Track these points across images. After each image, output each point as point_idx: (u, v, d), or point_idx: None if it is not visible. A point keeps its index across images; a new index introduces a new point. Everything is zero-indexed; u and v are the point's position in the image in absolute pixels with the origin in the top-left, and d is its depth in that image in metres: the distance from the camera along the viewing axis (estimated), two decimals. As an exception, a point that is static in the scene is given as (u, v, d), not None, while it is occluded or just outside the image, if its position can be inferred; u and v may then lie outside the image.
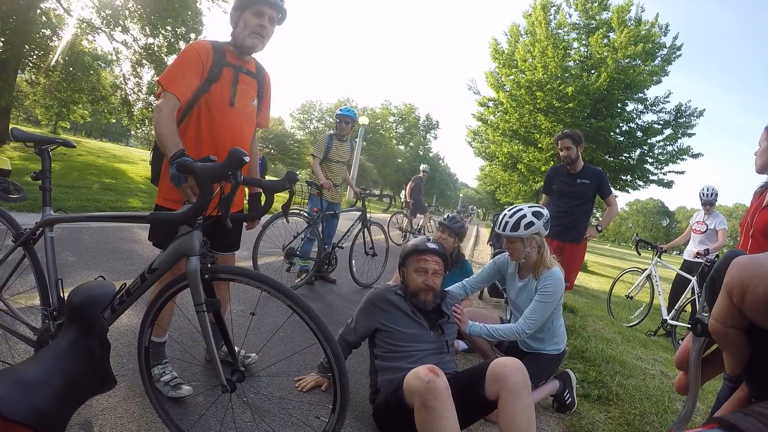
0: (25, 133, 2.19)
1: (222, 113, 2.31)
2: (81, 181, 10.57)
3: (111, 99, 18.79)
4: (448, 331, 2.62)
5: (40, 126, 32.34)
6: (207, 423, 2.18)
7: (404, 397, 2.08)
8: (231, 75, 2.34)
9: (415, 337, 2.50)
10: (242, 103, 2.40)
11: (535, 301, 2.84)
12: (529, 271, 3.02)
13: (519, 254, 2.96)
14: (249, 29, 2.29)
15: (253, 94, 2.50)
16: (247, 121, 2.47)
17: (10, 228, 2.20)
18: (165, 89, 2.10)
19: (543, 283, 2.85)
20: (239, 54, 2.39)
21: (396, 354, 2.46)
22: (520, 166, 15.73)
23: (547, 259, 2.94)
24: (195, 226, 1.64)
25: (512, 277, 3.17)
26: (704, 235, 6.36)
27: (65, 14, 16.38)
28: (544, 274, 2.89)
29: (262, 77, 2.57)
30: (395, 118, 63.73)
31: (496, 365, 2.15)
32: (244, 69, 2.42)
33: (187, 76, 2.18)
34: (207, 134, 2.29)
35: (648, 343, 5.47)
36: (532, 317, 2.80)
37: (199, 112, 2.28)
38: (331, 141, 5.43)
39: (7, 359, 2.32)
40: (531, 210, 2.93)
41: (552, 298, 2.81)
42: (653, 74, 13.90)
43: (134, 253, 5.07)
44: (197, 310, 1.67)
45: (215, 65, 2.27)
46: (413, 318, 2.55)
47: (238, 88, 2.36)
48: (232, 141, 2.32)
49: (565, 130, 4.70)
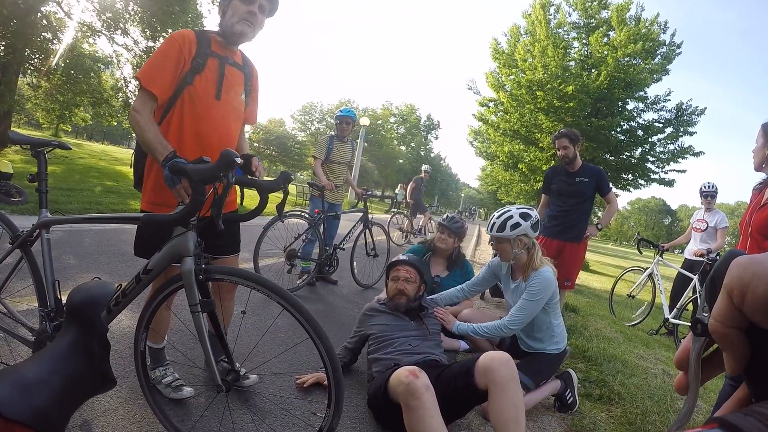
0: (22, 135, 2.19)
1: (207, 107, 2.17)
2: (83, 184, 10.60)
3: (112, 101, 18.80)
4: (429, 322, 2.96)
5: (42, 129, 32.37)
6: (207, 424, 2.19)
7: (389, 395, 2.21)
8: (216, 66, 2.20)
9: (397, 327, 2.84)
10: (229, 96, 2.26)
11: (522, 299, 2.89)
12: (520, 272, 3.06)
13: (507, 255, 3.02)
14: (238, 16, 2.16)
15: (241, 87, 2.35)
16: (234, 116, 2.32)
17: (7, 230, 2.20)
18: (143, 86, 2.03)
19: (530, 283, 2.90)
20: (226, 44, 2.26)
21: (383, 343, 2.73)
22: (521, 166, 15.73)
23: (536, 260, 2.96)
24: (189, 227, 1.64)
25: (506, 278, 3.21)
26: (705, 233, 6.34)
27: (66, 17, 16.41)
28: (531, 275, 2.92)
29: (250, 70, 2.43)
30: (396, 119, 63.66)
31: (485, 359, 2.22)
32: (231, 60, 2.27)
33: (168, 70, 2.06)
34: (190, 129, 2.15)
35: (650, 342, 5.45)
36: (517, 314, 2.87)
37: (182, 105, 2.13)
38: (332, 142, 5.42)
39: (8, 361, 2.32)
40: (519, 211, 2.98)
41: (538, 296, 2.84)
42: (653, 72, 13.91)
43: (132, 254, 5.07)
44: (192, 310, 1.67)
45: (199, 55, 2.13)
46: (395, 315, 2.94)
47: (224, 80, 2.23)
48: (218, 136, 2.23)
49: (562, 129, 4.71)
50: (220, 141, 2.23)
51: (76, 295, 1.64)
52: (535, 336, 3.05)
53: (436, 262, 4.24)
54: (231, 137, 2.33)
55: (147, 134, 1.93)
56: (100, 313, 1.66)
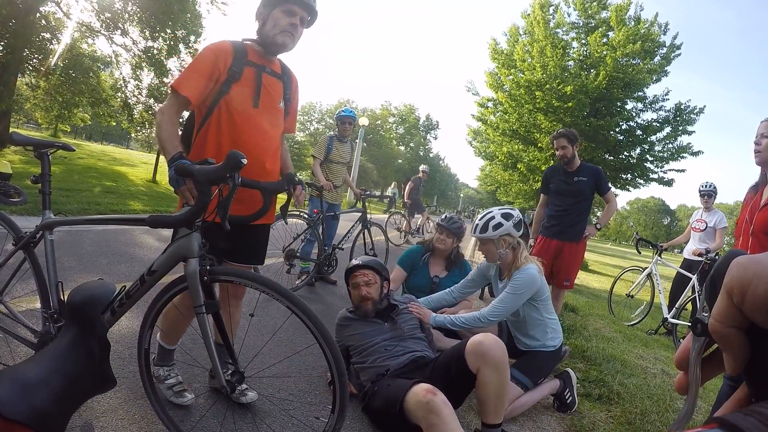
0: (25, 137, 2.18)
1: (244, 115, 2.16)
2: (82, 184, 10.59)
3: (111, 101, 18.77)
4: (401, 320, 2.88)
5: (41, 129, 32.34)
6: (208, 424, 2.19)
7: (405, 413, 2.15)
8: (253, 74, 2.20)
9: (371, 333, 2.77)
10: (267, 104, 2.25)
11: (504, 293, 2.93)
12: (507, 272, 3.09)
13: (492, 255, 3.07)
14: (279, 28, 2.16)
15: (279, 96, 2.34)
16: (272, 124, 2.30)
17: (11, 231, 2.20)
18: (173, 89, 2.04)
19: (513, 278, 2.93)
20: (265, 53, 2.27)
21: (364, 352, 2.70)
22: (520, 166, 15.73)
23: (520, 259, 2.99)
24: (194, 228, 1.64)
25: (495, 279, 3.26)
26: (704, 233, 6.34)
27: (64, 17, 16.39)
28: (515, 272, 2.95)
29: (289, 79, 2.41)
30: (395, 119, 63.59)
31: (473, 343, 2.28)
32: (268, 69, 2.27)
33: (200, 74, 2.07)
34: (228, 138, 2.14)
35: (649, 342, 5.46)
36: (497, 306, 2.90)
37: (219, 115, 2.14)
38: (332, 142, 5.44)
39: (9, 362, 2.32)
40: (501, 212, 3.05)
41: (520, 291, 2.87)
42: (652, 73, 13.91)
43: (136, 256, 5.08)
44: (196, 312, 1.67)
45: (235, 64, 2.14)
46: (366, 321, 2.86)
47: (262, 88, 2.22)
48: (257, 145, 2.21)
49: (560, 129, 4.72)
50: (258, 148, 2.22)
51: (76, 294, 1.64)
52: (530, 334, 3.07)
53: (435, 263, 4.23)
54: (270, 145, 2.31)
55: (163, 133, 1.96)
56: (101, 312, 1.66)
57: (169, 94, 2.07)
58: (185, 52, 18.09)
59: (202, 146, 2.15)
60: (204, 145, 2.13)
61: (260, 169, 2.23)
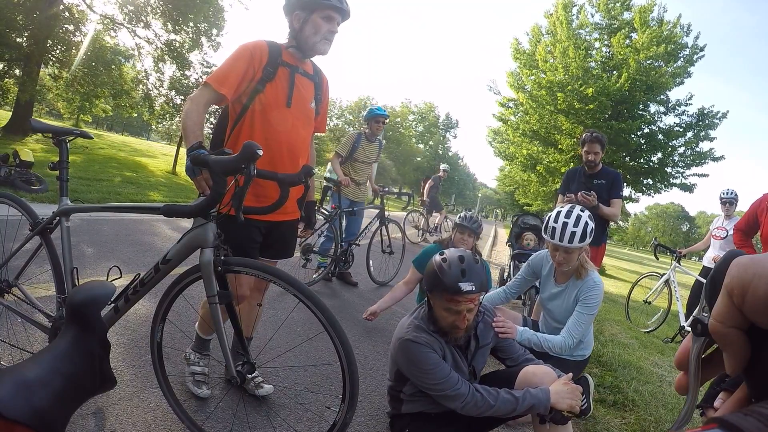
0: (44, 124, 2.20)
1: (278, 114, 2.22)
2: (102, 174, 10.73)
3: (132, 93, 19.01)
4: (476, 361, 2.24)
5: (63, 119, 32.82)
6: (221, 415, 2.20)
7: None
8: (287, 75, 2.25)
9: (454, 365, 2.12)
10: (299, 104, 2.30)
11: (579, 313, 2.64)
12: (566, 277, 2.85)
13: (573, 262, 2.72)
14: (321, 35, 2.21)
15: (311, 96, 2.39)
16: (304, 123, 2.36)
17: (28, 217, 2.22)
18: (206, 82, 2.07)
19: (586, 294, 2.65)
20: (300, 55, 2.30)
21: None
22: (540, 168, 15.64)
23: (587, 263, 2.77)
24: (209, 219, 1.64)
25: (547, 279, 3.02)
26: (724, 241, 6.22)
27: (88, 10, 16.63)
28: (585, 278, 2.72)
29: (320, 80, 2.46)
30: (415, 117, 63.72)
31: (527, 374, 2.08)
32: (301, 70, 2.31)
33: (235, 70, 2.10)
34: (261, 135, 2.18)
35: (665, 350, 5.39)
36: (577, 330, 2.62)
37: (253, 113, 2.19)
38: (359, 141, 5.35)
39: (26, 347, 2.35)
40: (586, 213, 2.68)
41: (595, 309, 2.66)
42: (675, 76, 13.68)
43: (152, 244, 5.13)
44: (210, 302, 1.67)
45: (270, 64, 2.18)
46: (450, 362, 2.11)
47: (294, 88, 2.27)
48: (288, 143, 2.26)
49: (594, 132, 4.45)
50: (289, 147, 2.28)
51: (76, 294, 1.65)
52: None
53: (452, 262, 4.20)
54: (301, 144, 2.36)
55: (188, 121, 1.98)
56: (101, 312, 1.66)
57: (202, 86, 2.09)
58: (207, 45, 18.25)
59: (235, 143, 2.17)
60: (237, 142, 2.14)
61: (294, 167, 2.27)
